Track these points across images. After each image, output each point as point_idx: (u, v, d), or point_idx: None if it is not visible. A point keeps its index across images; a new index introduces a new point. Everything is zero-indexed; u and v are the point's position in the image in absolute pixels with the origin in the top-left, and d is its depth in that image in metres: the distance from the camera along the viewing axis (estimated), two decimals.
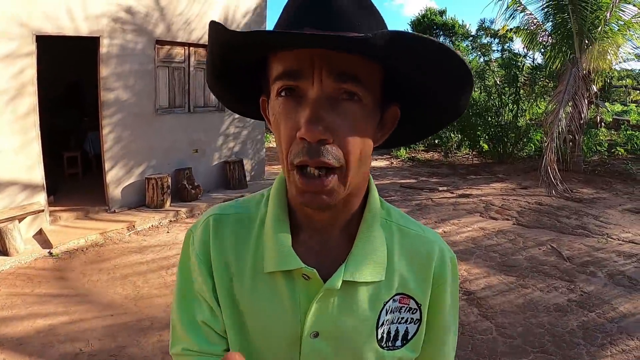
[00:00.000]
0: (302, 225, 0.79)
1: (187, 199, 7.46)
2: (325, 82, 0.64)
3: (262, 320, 0.78)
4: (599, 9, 8.86)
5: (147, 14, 6.90)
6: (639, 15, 9.11)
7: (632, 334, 3.94)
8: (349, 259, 0.76)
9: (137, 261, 5.19)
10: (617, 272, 5.23)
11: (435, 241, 0.85)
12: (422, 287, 0.81)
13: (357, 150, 0.67)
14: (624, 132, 13.80)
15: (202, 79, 8.08)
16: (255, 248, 0.79)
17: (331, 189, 0.67)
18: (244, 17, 8.59)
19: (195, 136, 7.97)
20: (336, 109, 0.65)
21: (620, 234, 6.64)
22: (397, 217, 0.85)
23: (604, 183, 9.85)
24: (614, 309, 4.37)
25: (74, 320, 3.93)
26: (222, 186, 8.41)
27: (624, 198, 8.75)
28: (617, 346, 3.76)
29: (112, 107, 6.64)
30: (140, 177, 7.06)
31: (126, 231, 6.09)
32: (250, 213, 0.84)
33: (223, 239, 0.81)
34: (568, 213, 7.64)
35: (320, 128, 0.63)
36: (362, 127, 0.67)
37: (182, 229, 6.43)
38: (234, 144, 8.78)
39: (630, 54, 10.18)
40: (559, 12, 9.54)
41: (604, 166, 11.17)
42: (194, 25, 7.59)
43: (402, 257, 0.81)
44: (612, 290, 4.76)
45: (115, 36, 6.51)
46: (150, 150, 7.21)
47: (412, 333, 0.81)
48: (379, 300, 0.78)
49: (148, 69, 7.03)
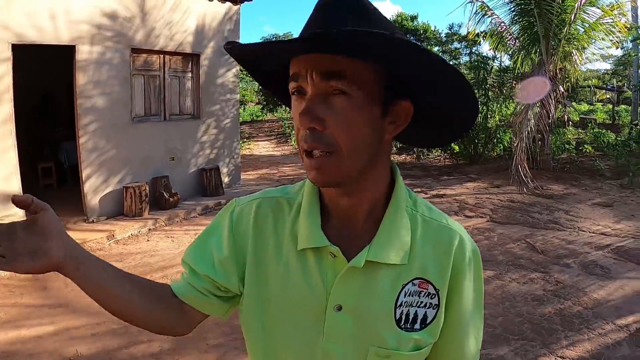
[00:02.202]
0: (331, 212, 0.88)
1: (165, 207, 7.44)
2: (316, 81, 0.76)
3: (292, 294, 0.86)
4: (564, 12, 9.15)
5: (127, 20, 6.91)
6: (603, 17, 9.45)
7: (607, 318, 4.13)
8: (374, 241, 0.84)
9: None
10: (590, 262, 5.45)
11: (458, 232, 0.91)
12: (440, 274, 0.87)
13: (350, 136, 0.77)
14: (591, 131, 14.26)
15: (178, 87, 8.09)
16: (291, 228, 0.89)
17: (329, 167, 0.77)
18: (220, 25, 8.64)
19: (172, 144, 7.96)
20: (327, 103, 0.76)
21: (591, 226, 6.90)
22: (423, 208, 0.92)
23: (573, 179, 10.17)
24: (589, 296, 4.56)
25: (60, 330, 3.90)
26: (199, 193, 8.40)
27: (593, 193, 9.08)
28: (594, 330, 3.94)
29: (88, 115, 6.60)
30: (118, 186, 7.02)
31: (106, 240, 6.05)
32: (290, 198, 0.94)
33: (262, 222, 0.92)
34: (540, 209, 7.88)
35: (309, 118, 0.75)
36: (353, 117, 0.76)
37: (162, 236, 6.42)
38: (209, 151, 8.79)
39: (595, 55, 10.55)
40: (526, 15, 9.82)
41: (572, 163, 11.54)
42: (172, 32, 7.61)
43: (424, 246, 0.87)
44: (585, 279, 4.96)
45: (93, 43, 6.49)
46: (127, 159, 7.17)
47: (430, 318, 0.86)
48: (399, 282, 0.84)
49: (124, 77, 7.01)
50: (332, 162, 0.77)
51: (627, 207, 8.02)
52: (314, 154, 0.77)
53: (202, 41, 8.32)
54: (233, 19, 8.95)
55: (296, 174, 11.41)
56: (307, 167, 0.80)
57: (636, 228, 6.81)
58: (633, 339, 3.80)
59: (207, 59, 8.49)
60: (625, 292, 4.67)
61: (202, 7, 8.21)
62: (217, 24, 8.60)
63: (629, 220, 7.24)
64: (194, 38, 8.12)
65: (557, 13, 9.03)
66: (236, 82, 9.38)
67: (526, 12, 9.75)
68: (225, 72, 8.98)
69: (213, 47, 8.55)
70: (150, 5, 7.27)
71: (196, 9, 8.09)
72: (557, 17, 9.11)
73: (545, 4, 9.00)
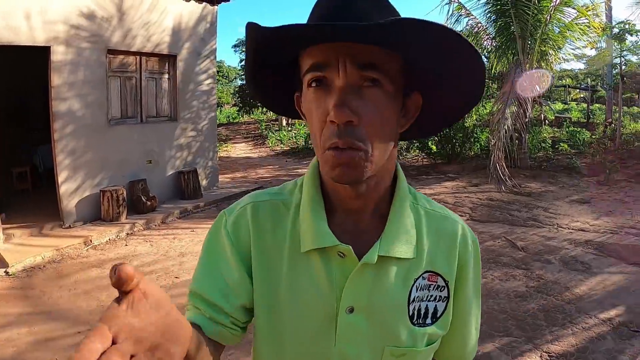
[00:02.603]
0: (336, 208, 0.84)
1: (143, 210, 7.32)
2: (349, 71, 0.70)
3: (300, 300, 0.82)
4: (540, 13, 9.29)
5: (104, 21, 6.79)
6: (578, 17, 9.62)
7: (589, 312, 4.18)
8: (383, 236, 0.81)
9: (97, 276, 5.04)
10: (570, 258, 5.51)
11: (459, 222, 0.91)
12: (448, 264, 0.86)
13: (381, 132, 0.73)
14: (567, 129, 14.54)
15: (155, 89, 7.97)
16: (292, 231, 0.84)
17: (358, 163, 0.72)
18: (196, 25, 8.55)
19: (149, 147, 7.84)
20: (360, 95, 0.71)
21: (570, 223, 7.00)
22: (423, 201, 0.91)
23: (550, 177, 10.33)
24: (571, 292, 4.61)
25: (40, 340, 3.77)
26: (177, 196, 8.29)
27: (570, 190, 9.23)
28: (577, 325, 3.98)
29: (64, 118, 6.45)
30: (95, 190, 6.88)
31: (83, 246, 5.91)
32: (285, 199, 0.89)
33: (261, 225, 0.86)
34: (519, 207, 7.97)
35: (347, 111, 0.69)
36: (385, 111, 0.73)
37: (140, 241, 6.30)
38: (187, 154, 8.68)
39: (570, 55, 10.74)
40: (502, 16, 9.94)
41: (549, 161, 11.72)
42: (149, 33, 7.50)
43: (429, 237, 0.86)
44: (567, 275, 5.02)
45: (69, 44, 6.35)
46: (103, 162, 7.03)
47: (440, 311, 0.86)
48: (410, 277, 0.83)
49: (100, 78, 6.87)
50: (362, 159, 0.72)
51: (605, 204, 8.16)
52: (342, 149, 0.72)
53: (179, 42, 8.22)
54: (210, 20, 8.86)
55: (273, 176, 11.36)
56: (330, 164, 0.73)
57: (614, 224, 6.93)
58: (617, 332, 3.85)
59: (184, 60, 8.39)
60: (606, 287, 4.73)
61: (179, 7, 8.11)
62: (194, 24, 8.51)
63: (607, 216, 7.37)
64: (171, 39, 8.02)
65: (533, 13, 9.16)
66: (213, 83, 9.27)
67: (502, 13, 9.87)
68: (202, 74, 8.89)
69: (190, 48, 8.45)
70: (127, 5, 7.14)
71: (173, 10, 7.99)
72: (533, 17, 9.24)
73: (521, 4, 9.13)
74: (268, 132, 19.03)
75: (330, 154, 0.72)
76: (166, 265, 5.35)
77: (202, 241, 2.78)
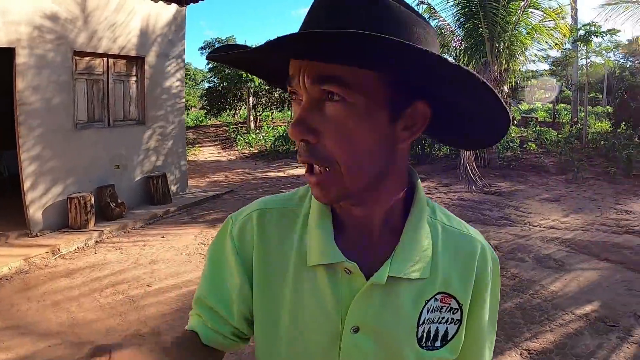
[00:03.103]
0: (345, 221, 0.79)
1: (112, 217, 7.12)
2: (308, 86, 0.66)
3: (303, 315, 0.78)
4: (509, 15, 9.46)
5: (69, 22, 6.57)
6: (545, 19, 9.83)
7: (566, 309, 4.24)
8: (395, 254, 0.75)
9: (67, 286, 4.86)
10: (543, 256, 5.60)
11: (479, 240, 0.85)
12: (464, 286, 0.80)
13: (348, 147, 0.67)
14: (533, 129, 14.87)
15: (122, 92, 7.78)
16: (299, 242, 0.80)
17: (329, 183, 0.69)
18: (165, 27, 8.38)
19: (116, 151, 7.64)
20: (322, 111, 0.66)
21: (541, 221, 7.12)
22: (441, 216, 0.85)
23: (520, 176, 10.54)
24: (546, 289, 4.68)
25: (10, 357, 3.58)
26: (146, 202, 8.10)
27: (540, 189, 9.42)
28: (555, 322, 4.03)
29: (29, 122, 6.21)
30: (62, 197, 6.65)
31: (51, 255, 5.69)
32: (293, 207, 0.85)
33: (267, 235, 0.82)
34: (490, 206, 8.07)
35: (300, 129, 0.66)
36: (352, 127, 0.66)
37: (110, 249, 6.11)
38: (156, 158, 8.50)
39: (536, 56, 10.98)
40: (471, 18, 10.09)
41: (517, 161, 11.96)
42: (116, 35, 7.31)
43: (445, 255, 0.80)
44: (541, 273, 5.09)
45: (34, 46, 6.12)
46: (70, 168, 6.81)
47: (451, 334, 0.80)
48: (421, 298, 0.77)
49: (66, 81, 6.66)
50: (331, 178, 0.68)
51: (574, 201, 8.35)
52: (314, 169, 0.69)
53: (147, 44, 8.04)
54: (178, 21, 8.70)
55: (244, 179, 11.23)
56: (309, 184, 0.72)
57: (584, 221, 7.08)
58: (593, 327, 3.91)
59: (152, 62, 8.21)
60: (580, 283, 4.82)
61: (147, 8, 7.94)
62: (162, 26, 8.34)
63: (577, 213, 7.53)
64: (139, 40, 7.83)
65: (502, 15, 9.31)
66: (181, 86, 9.11)
67: (471, 15, 10.00)
68: (170, 76, 8.72)
69: (158, 50, 8.28)
70: (92, 6, 6.94)
71: (141, 10, 7.81)
72: (502, 19, 9.40)
73: (490, 7, 9.27)
74: (236, 135, 18.86)
75: (306, 174, 0.71)
76: (137, 274, 5.20)
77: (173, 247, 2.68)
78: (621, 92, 14.17)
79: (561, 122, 17.80)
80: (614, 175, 10.16)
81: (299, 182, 10.58)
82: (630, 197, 8.60)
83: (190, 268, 5.37)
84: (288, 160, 14.05)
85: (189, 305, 4.28)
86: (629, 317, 4.08)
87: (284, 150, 15.26)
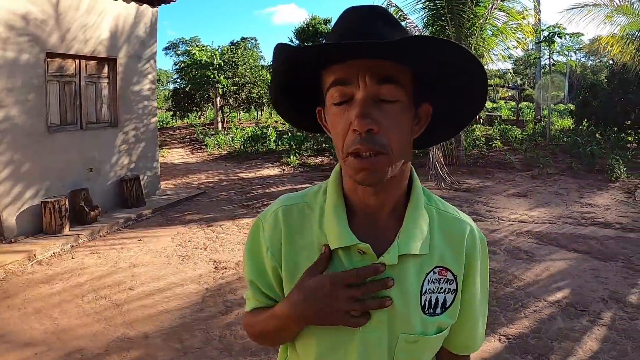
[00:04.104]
0: (356, 210, 0.94)
1: (87, 221, 7.03)
2: (369, 85, 0.80)
3: None
4: (475, 17, 9.71)
5: (41, 23, 6.45)
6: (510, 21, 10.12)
7: (538, 297, 4.46)
8: (400, 236, 0.90)
9: (47, 292, 4.79)
10: (514, 248, 5.82)
11: (468, 223, 1.00)
12: (457, 260, 0.95)
13: (398, 139, 0.83)
14: (498, 127, 15.24)
15: (94, 94, 7.68)
16: (319, 232, 0.94)
17: (380, 167, 0.82)
18: (137, 27, 8.30)
19: (90, 154, 7.54)
20: (379, 107, 0.81)
21: (510, 215, 7.37)
22: (436, 202, 1.00)
23: (487, 173, 10.82)
24: (519, 279, 4.89)
25: None
26: (120, 205, 8.01)
27: (507, 185, 9.70)
28: (528, 308, 4.24)
29: (1, 125, 6.09)
30: (35, 202, 6.53)
31: (27, 262, 5.60)
32: (310, 203, 0.99)
33: (292, 227, 0.96)
34: (459, 202, 8.29)
35: (368, 120, 0.79)
36: (401, 120, 0.83)
37: (87, 253, 6.04)
38: (128, 161, 8.41)
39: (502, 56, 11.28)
40: (438, 20, 10.31)
41: (484, 158, 12.26)
42: (86, 37, 7.21)
43: (440, 236, 0.95)
44: (513, 264, 5.31)
45: (5, 47, 6.01)
46: (44, 172, 6.69)
47: (449, 302, 0.94)
48: (422, 272, 0.92)
49: (39, 83, 6.54)
50: (382, 163, 0.82)
51: (540, 196, 8.66)
52: (363, 155, 0.81)
53: (119, 45, 7.95)
54: (150, 22, 8.62)
55: (215, 181, 11.19)
56: (353, 169, 0.83)
57: (551, 214, 7.37)
58: (565, 312, 4.13)
59: (124, 63, 8.12)
60: (551, 272, 5.05)
61: (118, 9, 7.84)
62: (134, 26, 8.25)
63: (544, 207, 7.82)
64: (111, 41, 7.74)
65: (468, 17, 9.55)
66: (153, 88, 9.02)
67: (439, 17, 10.22)
68: (143, 78, 8.63)
69: (130, 51, 8.19)
70: (65, 6, 6.82)
71: (113, 11, 7.71)
72: (469, 21, 9.64)
73: (457, 9, 9.50)
74: (204, 137, 18.70)
75: (352, 159, 0.82)
76: (118, 278, 5.16)
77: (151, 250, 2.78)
78: (583, 90, 14.66)
79: (525, 120, 18.31)
80: (577, 171, 10.57)
81: (271, 183, 10.63)
82: (594, 191, 8.97)
83: (171, 270, 5.36)
84: (258, 161, 14.02)
85: (174, 307, 4.31)
86: (597, 302, 4.32)
87: (254, 151, 15.22)
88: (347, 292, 0.84)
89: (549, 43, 12.24)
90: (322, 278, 0.86)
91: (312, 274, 0.88)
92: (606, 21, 9.80)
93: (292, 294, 0.91)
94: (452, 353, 1.04)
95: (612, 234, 6.35)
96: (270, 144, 15.44)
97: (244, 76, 23.15)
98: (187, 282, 5.04)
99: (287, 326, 0.92)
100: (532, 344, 3.65)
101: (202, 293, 4.75)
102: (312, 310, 0.87)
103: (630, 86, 11.91)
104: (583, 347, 3.58)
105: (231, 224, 7.31)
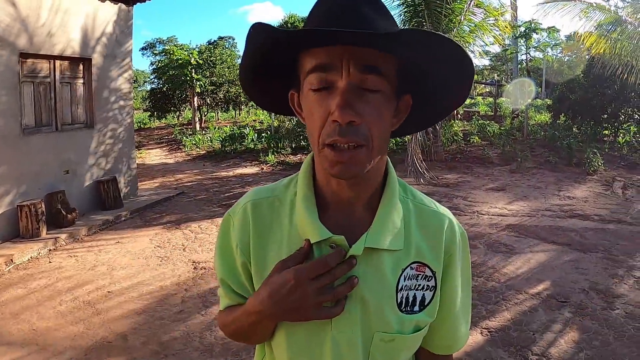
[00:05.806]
0: (328, 202, 0.90)
1: (64, 224, 6.89)
2: (352, 73, 0.76)
3: None
4: (453, 13, 9.78)
5: (14, 22, 6.28)
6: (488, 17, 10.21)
7: (519, 289, 4.50)
8: (370, 228, 0.86)
9: (24, 296, 4.69)
10: (494, 242, 5.88)
11: (447, 215, 0.96)
12: (435, 256, 0.90)
13: (379, 131, 0.79)
14: (476, 122, 15.38)
15: (69, 94, 7.53)
16: (289, 226, 0.90)
17: (358, 160, 0.78)
18: (112, 27, 8.16)
19: (65, 156, 7.39)
20: (362, 96, 0.76)
21: (489, 209, 7.44)
22: (413, 195, 0.96)
23: (465, 168, 10.91)
24: (499, 272, 4.93)
25: None
26: (97, 207, 7.87)
27: (486, 179, 9.80)
28: (510, 301, 4.27)
29: None
30: (11, 206, 6.38)
31: (4, 266, 5.47)
32: (279, 196, 0.95)
33: (260, 223, 0.92)
34: (438, 197, 8.34)
35: (350, 111, 0.74)
36: (383, 112, 0.79)
37: (65, 256, 5.93)
38: (105, 162, 8.28)
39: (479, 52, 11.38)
40: (415, 16, 10.34)
41: (462, 153, 12.36)
42: (57, 36, 7.06)
43: (417, 230, 0.91)
44: (493, 258, 5.35)
45: None
46: (19, 175, 6.54)
47: (428, 299, 0.90)
48: (398, 267, 0.87)
49: (13, 84, 6.38)
50: (361, 156, 0.78)
51: (519, 190, 8.76)
52: (341, 147, 0.76)
53: (94, 44, 7.81)
54: (125, 21, 8.50)
55: (193, 181, 11.09)
56: (329, 161, 0.78)
57: (529, 207, 7.46)
58: (546, 304, 4.18)
59: (99, 63, 7.98)
60: (531, 265, 5.10)
61: (93, 8, 7.69)
62: (110, 25, 8.11)
63: (522, 201, 7.91)
64: (85, 41, 7.59)
65: (446, 14, 9.61)
66: (129, 87, 8.89)
67: (416, 14, 10.26)
68: (118, 77, 8.50)
69: (105, 51, 8.06)
70: (37, 5, 6.67)
71: (88, 10, 7.57)
72: (446, 18, 9.70)
73: (435, 5, 9.56)
74: (182, 137, 18.52)
75: (329, 151, 0.77)
76: (95, 280, 5.08)
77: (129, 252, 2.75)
78: (560, 85, 14.86)
79: (502, 115, 18.51)
80: (555, 164, 10.72)
81: (250, 182, 10.58)
82: (572, 184, 9.11)
83: (150, 272, 5.29)
84: (236, 160, 13.93)
85: (152, 308, 4.26)
86: (578, 293, 4.38)
87: (232, 151, 15.13)
88: (314, 284, 0.80)
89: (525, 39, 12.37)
90: (286, 273, 0.81)
91: (280, 269, 0.84)
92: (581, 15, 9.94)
93: (259, 291, 0.86)
94: (432, 353, 1.00)
95: (591, 226, 6.46)
96: (249, 143, 15.36)
97: (222, 75, 23.01)
98: (166, 283, 4.98)
99: (259, 322, 0.88)
100: (514, 336, 3.68)
101: (182, 294, 4.70)
102: (279, 307, 0.82)
103: (606, 81, 12.11)
104: (565, 337, 3.62)
105: (210, 223, 7.24)
